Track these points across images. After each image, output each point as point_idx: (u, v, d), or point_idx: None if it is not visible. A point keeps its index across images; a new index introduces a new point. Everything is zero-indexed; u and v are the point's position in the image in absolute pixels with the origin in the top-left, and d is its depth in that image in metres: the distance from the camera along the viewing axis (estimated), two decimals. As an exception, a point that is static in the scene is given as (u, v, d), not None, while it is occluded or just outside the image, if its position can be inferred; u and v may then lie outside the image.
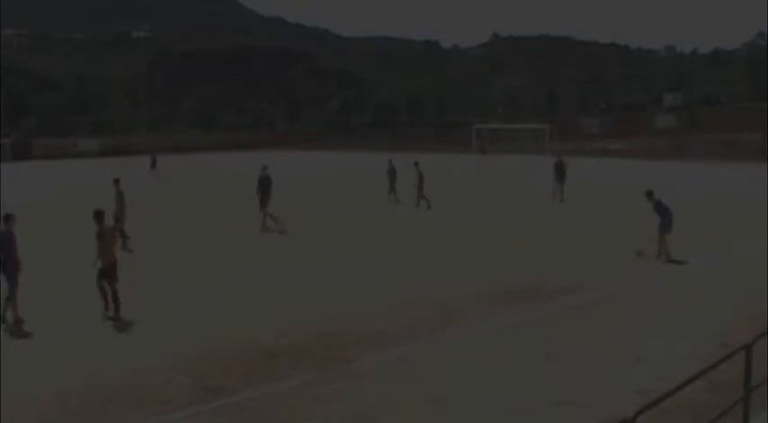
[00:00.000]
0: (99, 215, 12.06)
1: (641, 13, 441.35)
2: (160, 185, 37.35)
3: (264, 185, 21.41)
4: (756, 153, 45.40)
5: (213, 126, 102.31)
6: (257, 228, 21.12)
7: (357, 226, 22.45)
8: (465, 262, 16.09)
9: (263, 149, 75.14)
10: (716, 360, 5.81)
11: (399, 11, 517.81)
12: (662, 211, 15.69)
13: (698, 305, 12.16)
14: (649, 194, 15.95)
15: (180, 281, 14.78)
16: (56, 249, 18.28)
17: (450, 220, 22.93)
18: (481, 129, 66.45)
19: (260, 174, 21.77)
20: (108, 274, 11.80)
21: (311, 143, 78.43)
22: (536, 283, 13.66)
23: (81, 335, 10.97)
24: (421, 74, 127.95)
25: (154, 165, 41.47)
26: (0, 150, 65.30)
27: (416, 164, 26.21)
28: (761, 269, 13.81)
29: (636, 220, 21.97)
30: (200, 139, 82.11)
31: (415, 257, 16.80)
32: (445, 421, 7.68)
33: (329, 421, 7.72)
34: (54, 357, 9.94)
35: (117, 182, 19.06)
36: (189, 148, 74.08)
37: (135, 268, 14.99)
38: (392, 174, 27.59)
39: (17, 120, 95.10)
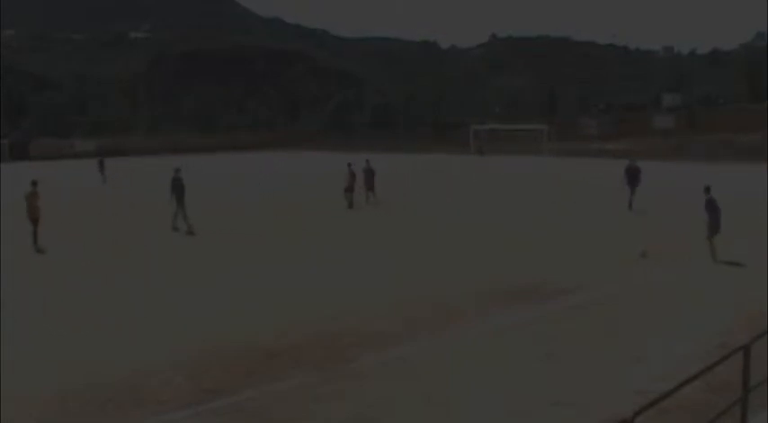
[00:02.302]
0: None
1: (640, 14, 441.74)
2: (107, 189, 36.85)
3: (177, 187, 21.54)
4: (756, 153, 45.39)
5: (213, 126, 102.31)
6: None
7: (357, 226, 22.45)
8: (465, 262, 16.09)
9: (262, 150, 75.22)
10: (715, 360, 5.82)
11: (398, 11, 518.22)
12: (712, 209, 15.63)
13: (698, 305, 12.16)
14: (707, 190, 15.92)
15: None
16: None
17: (450, 221, 22.92)
18: (479, 129, 66.42)
19: (173, 176, 21.89)
20: None
21: (311, 143, 78.44)
22: (536, 283, 13.66)
23: (81, 334, 10.97)
24: (420, 74, 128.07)
25: (102, 168, 41.04)
26: (-1, 150, 65.25)
27: (349, 164, 26.69)
28: (761, 269, 13.83)
29: (637, 220, 22.05)
30: (199, 140, 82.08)
31: (414, 257, 16.80)
32: (445, 421, 7.68)
33: (329, 421, 7.72)
34: (54, 357, 9.94)
35: (34, 184, 19.02)
36: (188, 148, 74.03)
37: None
38: (368, 174, 27.51)
39: (17, 120, 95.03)
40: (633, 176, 24.51)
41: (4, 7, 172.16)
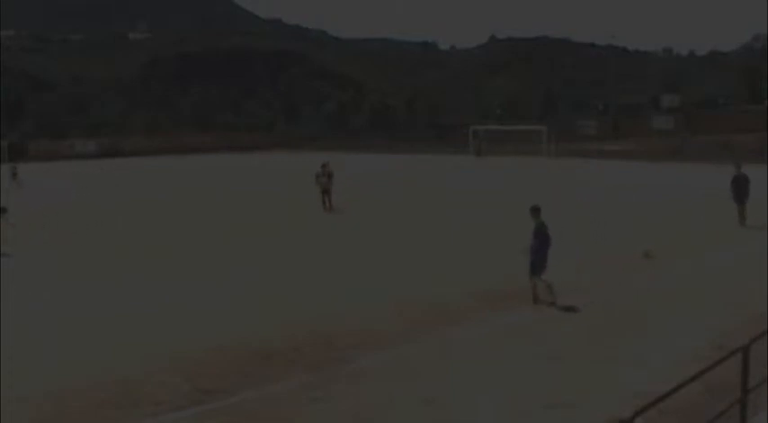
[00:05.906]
0: None
1: (639, 15, 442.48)
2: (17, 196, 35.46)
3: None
4: (756, 154, 45.38)
5: (211, 127, 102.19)
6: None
7: (355, 226, 22.43)
8: (465, 262, 16.07)
9: (261, 151, 75.13)
10: (714, 361, 5.82)
11: (397, 12, 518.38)
12: (539, 238, 12.33)
13: (698, 305, 12.16)
14: (535, 211, 12.56)
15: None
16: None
17: (449, 221, 22.90)
18: (478, 130, 66.40)
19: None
20: None
21: (309, 145, 78.38)
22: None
23: (79, 335, 10.95)
24: (418, 75, 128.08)
25: (14, 175, 40.36)
26: (-2, 152, 64.99)
27: (323, 166, 26.36)
28: (761, 269, 13.82)
29: (638, 220, 22.04)
30: (197, 141, 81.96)
31: (414, 257, 16.76)
32: (445, 422, 7.67)
33: (328, 422, 7.71)
34: (53, 357, 9.92)
35: None
36: (187, 149, 73.91)
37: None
38: (329, 178, 26.50)
39: (15, 121, 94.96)
40: (742, 188, 21.02)
41: (4, 8, 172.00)
